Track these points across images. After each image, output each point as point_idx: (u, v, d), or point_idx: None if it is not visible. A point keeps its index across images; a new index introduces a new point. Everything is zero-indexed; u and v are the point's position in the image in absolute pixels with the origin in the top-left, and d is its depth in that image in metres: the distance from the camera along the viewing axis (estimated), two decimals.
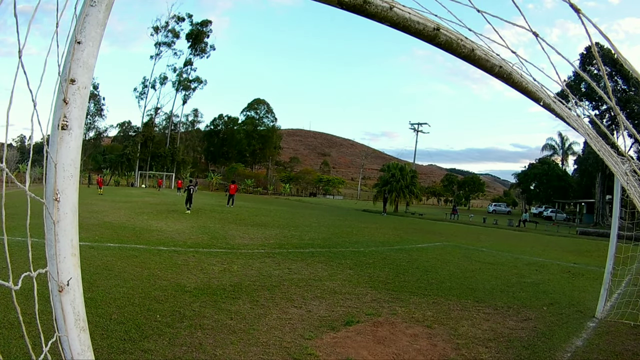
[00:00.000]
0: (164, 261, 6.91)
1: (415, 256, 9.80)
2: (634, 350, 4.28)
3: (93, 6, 0.81)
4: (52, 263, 0.75)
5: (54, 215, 0.75)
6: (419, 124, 45.60)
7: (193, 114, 65.02)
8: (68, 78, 0.78)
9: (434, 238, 14.56)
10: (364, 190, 72.69)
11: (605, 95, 1.05)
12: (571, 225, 34.87)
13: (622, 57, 0.84)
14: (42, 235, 0.73)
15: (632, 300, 5.50)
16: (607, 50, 27.10)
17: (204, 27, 54.42)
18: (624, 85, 34.19)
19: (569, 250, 14.13)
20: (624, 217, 6.09)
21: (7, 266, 0.64)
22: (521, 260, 10.53)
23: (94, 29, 0.81)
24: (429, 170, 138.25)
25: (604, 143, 3.50)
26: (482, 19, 1.13)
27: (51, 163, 0.76)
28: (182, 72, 54.31)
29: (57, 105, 0.78)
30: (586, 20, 0.75)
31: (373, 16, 1.24)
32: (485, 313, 5.27)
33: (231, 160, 66.94)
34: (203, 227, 12.06)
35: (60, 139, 0.77)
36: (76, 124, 0.79)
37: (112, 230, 10.09)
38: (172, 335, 3.77)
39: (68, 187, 0.78)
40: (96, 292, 4.81)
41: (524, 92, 2.03)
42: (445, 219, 29.34)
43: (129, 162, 50.65)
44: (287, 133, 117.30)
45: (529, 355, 3.95)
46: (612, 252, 5.66)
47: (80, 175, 0.82)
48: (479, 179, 63.43)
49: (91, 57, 0.81)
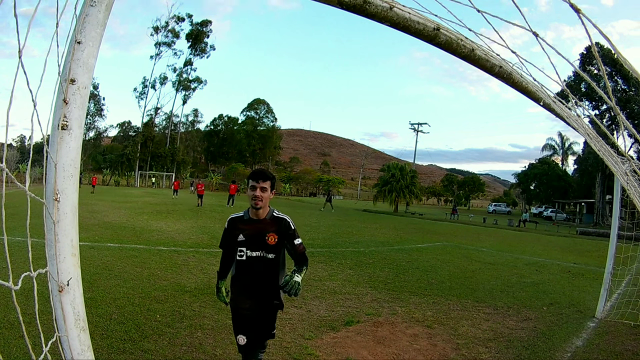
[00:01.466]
0: (164, 261, 6.91)
1: (415, 256, 9.80)
2: (634, 350, 4.27)
3: (93, 6, 0.81)
4: (52, 263, 0.74)
5: (54, 215, 0.75)
6: (419, 123, 45.61)
7: (193, 114, 65.16)
8: (68, 78, 0.78)
9: (434, 238, 14.56)
10: (364, 190, 72.68)
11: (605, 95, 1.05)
12: (571, 225, 34.87)
13: (622, 57, 0.84)
14: (42, 235, 0.73)
15: (632, 300, 5.49)
16: (607, 50, 27.12)
17: (204, 27, 54.45)
18: (624, 85, 34.19)
19: (569, 250, 14.13)
20: (624, 217, 6.09)
21: (7, 266, 0.64)
22: (521, 260, 10.52)
23: (94, 29, 0.81)
24: (429, 170, 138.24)
25: (604, 143, 3.50)
26: (482, 19, 1.13)
27: (51, 163, 0.76)
28: (182, 72, 54.39)
29: (57, 105, 0.78)
30: (586, 20, 0.76)
31: (373, 16, 1.24)
32: (485, 313, 5.27)
33: (231, 160, 66.97)
34: (203, 227, 12.06)
35: (60, 139, 0.77)
36: (76, 124, 0.79)
37: (112, 230, 10.09)
38: (172, 335, 3.77)
39: (68, 187, 0.78)
40: (96, 292, 4.81)
41: (524, 92, 2.03)
42: (445, 219, 29.33)
43: (129, 162, 50.66)
44: (287, 133, 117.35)
45: (529, 355, 3.95)
46: (612, 252, 5.66)
47: (80, 175, 0.82)
48: (479, 179, 63.42)
49: (91, 57, 0.81)
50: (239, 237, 2.41)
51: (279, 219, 2.44)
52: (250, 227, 2.41)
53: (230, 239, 2.46)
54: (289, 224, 2.43)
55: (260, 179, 2.34)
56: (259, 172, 2.39)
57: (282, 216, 2.47)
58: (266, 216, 2.42)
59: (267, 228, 2.40)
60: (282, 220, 2.44)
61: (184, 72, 54.51)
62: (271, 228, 2.40)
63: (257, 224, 2.41)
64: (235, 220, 2.48)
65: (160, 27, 51.83)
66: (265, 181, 2.35)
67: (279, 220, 2.44)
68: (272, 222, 2.42)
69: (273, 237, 2.39)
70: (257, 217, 2.41)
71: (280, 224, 2.42)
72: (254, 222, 2.42)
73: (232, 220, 2.50)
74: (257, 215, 2.40)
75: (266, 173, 2.39)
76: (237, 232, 2.43)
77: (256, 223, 2.41)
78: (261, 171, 2.40)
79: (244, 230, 2.42)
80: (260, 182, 2.33)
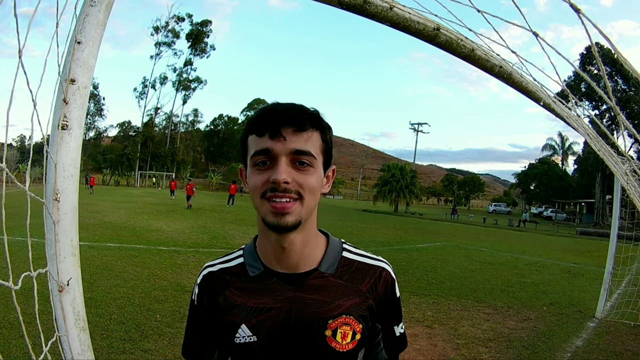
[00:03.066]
0: (164, 261, 6.91)
1: (415, 256, 9.79)
2: (634, 350, 4.27)
3: (93, 6, 0.81)
4: (52, 263, 0.74)
5: (54, 215, 0.75)
6: (419, 123, 45.66)
7: (193, 114, 65.14)
8: (68, 78, 0.78)
9: (434, 238, 14.55)
10: (364, 190, 72.68)
11: (605, 95, 1.05)
12: (571, 225, 34.86)
13: (622, 57, 0.84)
14: (42, 235, 0.73)
15: (632, 300, 5.49)
16: (607, 50, 27.11)
17: (203, 27, 54.46)
18: (624, 85, 34.20)
19: (569, 250, 14.13)
20: (624, 217, 6.09)
21: (7, 266, 0.64)
22: (521, 260, 10.52)
23: (94, 29, 0.81)
24: (429, 170, 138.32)
25: (604, 143, 3.50)
26: (482, 19, 1.13)
27: (51, 163, 0.76)
28: (182, 72, 54.40)
29: (57, 105, 0.78)
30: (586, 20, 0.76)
31: (373, 16, 1.24)
32: (485, 313, 5.27)
33: (231, 160, 66.91)
34: (203, 227, 12.06)
35: (60, 139, 0.77)
36: (76, 124, 0.79)
37: (112, 230, 10.09)
38: (172, 335, 3.77)
39: (68, 187, 0.78)
40: (96, 292, 4.81)
41: (524, 92, 2.03)
42: (445, 219, 29.33)
43: (129, 162, 50.67)
44: None
45: (529, 355, 3.95)
46: (612, 252, 5.66)
47: (80, 175, 0.82)
48: (479, 179, 63.41)
49: (91, 57, 0.81)
50: (240, 333, 0.79)
51: (366, 268, 0.86)
52: (272, 298, 0.80)
53: (208, 336, 0.85)
54: (392, 280, 0.90)
55: (290, 124, 0.72)
56: (283, 109, 0.74)
57: (371, 260, 0.88)
58: (321, 258, 0.83)
59: (328, 299, 0.81)
60: (374, 270, 0.87)
61: (184, 72, 54.57)
62: (341, 299, 0.81)
63: (291, 288, 0.80)
64: (218, 279, 0.85)
65: (160, 27, 51.88)
66: (302, 130, 0.73)
67: (363, 270, 0.86)
68: (339, 280, 0.83)
69: (348, 330, 0.80)
70: (288, 263, 0.80)
71: (368, 281, 0.85)
72: (277, 282, 0.81)
73: (209, 278, 0.86)
74: (289, 258, 0.79)
75: (302, 111, 0.75)
76: (229, 318, 0.81)
77: (287, 282, 0.80)
78: (289, 109, 0.74)
79: (252, 310, 0.80)
80: (288, 136, 0.72)
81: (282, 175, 0.69)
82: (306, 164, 0.73)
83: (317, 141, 0.75)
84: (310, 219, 0.78)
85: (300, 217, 0.72)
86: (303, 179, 0.72)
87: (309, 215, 0.76)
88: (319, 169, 0.75)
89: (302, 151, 0.72)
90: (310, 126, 0.74)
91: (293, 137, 0.72)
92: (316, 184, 0.74)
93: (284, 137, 0.71)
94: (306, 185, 0.72)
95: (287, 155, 0.71)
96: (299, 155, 0.72)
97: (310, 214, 0.76)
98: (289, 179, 0.70)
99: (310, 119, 0.74)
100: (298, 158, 0.72)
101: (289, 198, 0.71)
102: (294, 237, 0.76)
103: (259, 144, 0.73)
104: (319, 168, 0.75)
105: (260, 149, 0.72)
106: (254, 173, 0.74)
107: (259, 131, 0.73)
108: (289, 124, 0.72)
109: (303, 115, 0.74)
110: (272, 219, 0.72)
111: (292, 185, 0.71)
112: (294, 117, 0.73)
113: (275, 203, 0.71)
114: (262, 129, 0.73)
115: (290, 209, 0.71)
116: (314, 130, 0.75)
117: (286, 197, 0.71)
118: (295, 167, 0.72)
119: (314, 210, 0.77)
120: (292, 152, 0.71)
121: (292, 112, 0.73)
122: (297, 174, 0.72)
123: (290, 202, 0.71)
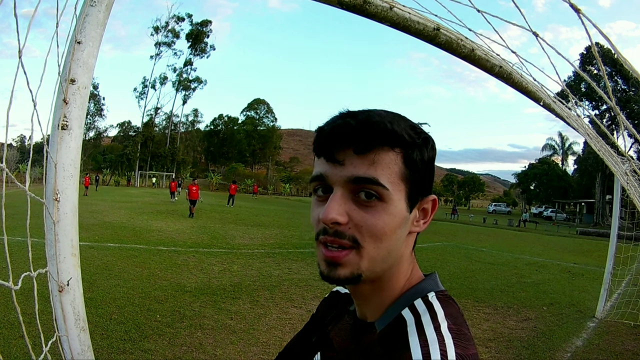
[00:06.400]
0: (164, 261, 6.91)
1: (415, 256, 9.79)
2: (634, 350, 4.27)
3: (93, 6, 0.81)
4: (52, 263, 0.75)
5: (54, 215, 0.75)
6: (420, 123, 45.29)
7: (193, 114, 65.11)
8: (68, 78, 0.78)
9: (434, 238, 14.56)
10: None
11: (605, 95, 1.05)
12: (571, 225, 34.87)
13: (622, 57, 0.84)
14: (42, 235, 0.73)
15: (632, 300, 5.50)
16: (606, 50, 27.11)
17: (203, 27, 54.45)
18: (624, 85, 34.23)
19: (569, 250, 14.14)
20: (624, 217, 6.09)
21: (7, 266, 0.64)
22: (521, 260, 10.53)
23: (94, 29, 0.81)
24: None
25: (604, 143, 3.51)
26: (482, 19, 1.13)
27: (51, 163, 0.76)
28: (182, 72, 54.39)
29: (57, 105, 0.78)
30: (586, 20, 0.76)
31: (373, 16, 1.24)
32: (485, 313, 5.27)
33: (231, 160, 66.97)
34: (203, 227, 12.06)
35: (60, 139, 0.77)
36: (76, 124, 0.79)
37: (112, 230, 10.09)
38: (172, 335, 3.77)
39: (68, 187, 0.78)
40: (96, 292, 4.81)
41: (524, 92, 2.04)
42: (445, 219, 29.34)
43: (129, 162, 50.68)
44: (287, 133, 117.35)
45: (529, 355, 3.95)
46: (612, 252, 5.66)
47: (80, 175, 0.83)
48: (479, 179, 63.41)
49: (91, 57, 0.81)
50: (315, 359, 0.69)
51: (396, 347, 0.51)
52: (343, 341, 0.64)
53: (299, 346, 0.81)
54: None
55: (348, 144, 0.53)
56: (342, 123, 0.54)
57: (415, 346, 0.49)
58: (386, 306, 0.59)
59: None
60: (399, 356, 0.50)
61: (184, 72, 54.55)
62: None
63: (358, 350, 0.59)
64: (331, 305, 0.76)
65: (160, 27, 51.85)
66: (366, 151, 0.53)
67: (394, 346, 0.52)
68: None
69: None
70: (359, 311, 0.64)
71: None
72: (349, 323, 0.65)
73: (330, 301, 0.78)
74: (358, 306, 0.64)
75: (367, 124, 0.53)
76: (316, 342, 0.72)
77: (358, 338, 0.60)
78: (347, 123, 0.54)
79: (330, 344, 0.67)
80: (347, 160, 0.54)
81: (332, 213, 0.52)
82: (374, 197, 0.52)
83: (393, 164, 0.53)
84: (389, 272, 0.57)
85: (358, 270, 0.54)
86: (364, 218, 0.52)
87: (379, 267, 0.55)
88: (394, 203, 0.53)
89: (364, 178, 0.52)
90: (378, 144, 0.53)
91: (353, 161, 0.53)
92: (387, 224, 0.53)
93: (340, 161, 0.53)
94: (367, 228, 0.52)
95: (343, 186, 0.53)
96: (359, 184, 0.52)
97: (379, 266, 0.55)
98: (342, 219, 0.52)
99: (380, 135, 0.53)
100: (360, 188, 0.52)
101: (340, 244, 0.53)
102: (359, 288, 0.59)
103: (316, 167, 0.57)
104: (395, 201, 0.53)
105: (315, 174, 0.57)
106: (313, 203, 0.59)
107: (317, 151, 0.57)
108: (346, 144, 0.53)
109: (367, 129, 0.53)
110: (323, 267, 0.56)
111: (346, 228, 0.53)
112: (353, 132, 0.53)
113: (327, 250, 0.54)
114: (318, 150, 0.57)
115: (341, 259, 0.53)
116: (388, 149, 0.53)
117: (337, 243, 0.53)
118: (358, 200, 0.53)
119: (387, 260, 0.55)
120: (350, 181, 0.52)
121: (351, 127, 0.53)
122: (358, 210, 0.53)
123: (343, 251, 0.53)
